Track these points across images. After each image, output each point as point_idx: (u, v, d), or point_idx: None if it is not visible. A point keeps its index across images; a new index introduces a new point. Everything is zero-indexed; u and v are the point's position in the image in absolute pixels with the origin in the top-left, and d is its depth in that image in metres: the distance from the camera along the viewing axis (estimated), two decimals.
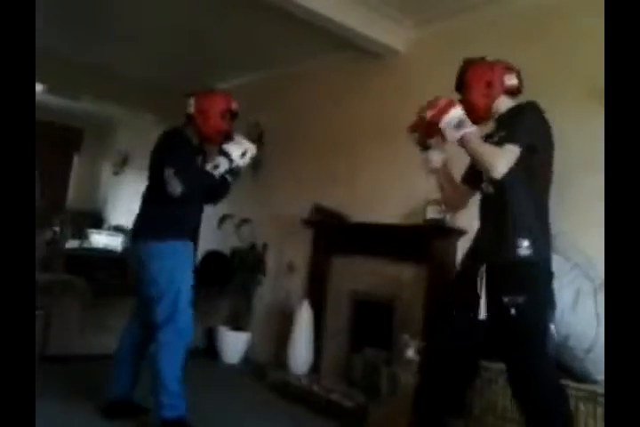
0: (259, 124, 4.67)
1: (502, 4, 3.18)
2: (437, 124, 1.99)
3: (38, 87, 5.58)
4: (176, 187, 2.44)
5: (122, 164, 7.33)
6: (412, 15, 3.55)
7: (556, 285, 1.99)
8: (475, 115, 2.09)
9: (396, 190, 3.60)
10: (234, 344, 4.17)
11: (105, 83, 5.46)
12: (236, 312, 4.27)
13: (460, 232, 3.17)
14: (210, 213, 5.16)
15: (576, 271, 2.32)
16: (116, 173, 7.47)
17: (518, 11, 3.14)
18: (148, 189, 2.76)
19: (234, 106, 2.79)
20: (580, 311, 2.20)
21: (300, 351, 3.69)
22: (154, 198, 2.70)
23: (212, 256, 4.63)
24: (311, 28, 3.50)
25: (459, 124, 1.97)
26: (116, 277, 4.42)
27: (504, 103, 2.15)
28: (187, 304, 2.62)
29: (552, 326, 1.92)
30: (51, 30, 4.33)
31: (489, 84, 2.15)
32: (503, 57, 3.17)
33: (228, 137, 2.72)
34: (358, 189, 3.86)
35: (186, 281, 2.64)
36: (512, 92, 2.17)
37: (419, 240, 3.29)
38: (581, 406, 2.16)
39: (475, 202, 3.15)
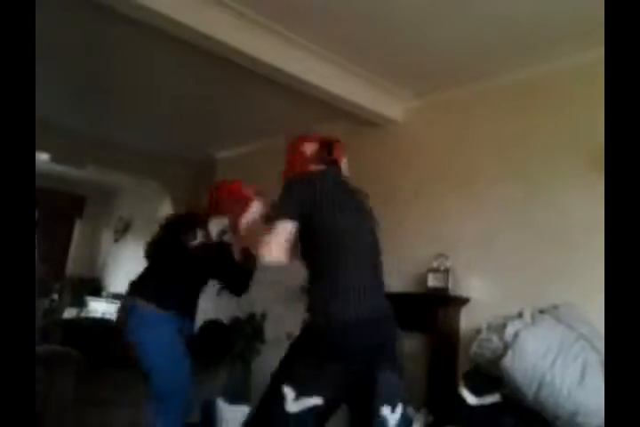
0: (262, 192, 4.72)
1: (494, 77, 3.31)
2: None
3: (43, 156, 5.71)
4: None
5: (123, 231, 7.36)
6: (409, 87, 3.67)
7: (560, 362, 1.94)
8: None
9: (396, 258, 3.57)
10: (232, 419, 4.01)
11: (108, 152, 5.59)
12: (235, 384, 4.15)
13: (463, 300, 3.14)
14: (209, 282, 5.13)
15: (581, 343, 2.27)
16: (116, 240, 7.48)
17: (510, 84, 3.26)
18: None
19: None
20: (587, 386, 2.13)
21: None
22: None
23: (211, 326, 4.55)
24: (310, 98, 3.61)
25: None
26: (113, 347, 4.32)
27: None
28: None
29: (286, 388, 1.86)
30: (55, 102, 4.47)
31: (296, 157, 2.38)
32: (496, 127, 3.30)
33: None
34: None
35: None
36: (317, 161, 2.31)
37: (421, 309, 3.24)
38: None
39: (478, 270, 3.15)
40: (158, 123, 4.91)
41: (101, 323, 4.78)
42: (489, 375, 2.47)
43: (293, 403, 1.83)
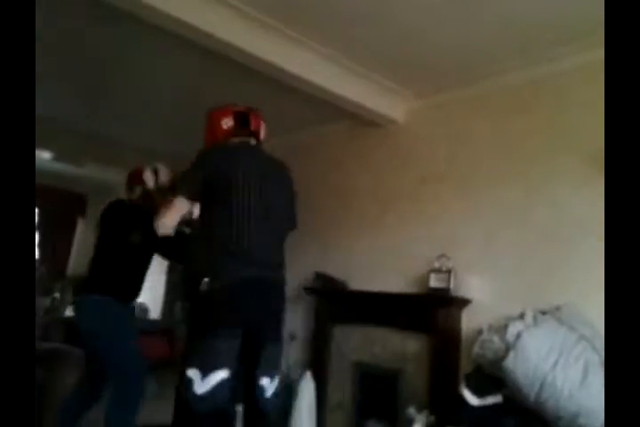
0: None
1: (496, 78, 3.30)
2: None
3: (45, 155, 5.72)
4: None
5: None
6: (410, 87, 3.67)
7: (561, 364, 1.95)
8: None
9: (398, 258, 3.59)
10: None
11: (108, 150, 5.58)
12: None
13: (465, 301, 3.13)
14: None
15: (582, 344, 2.26)
16: None
17: (511, 84, 3.26)
18: None
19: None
20: (589, 387, 2.13)
21: (303, 425, 3.55)
22: None
23: None
24: (311, 98, 3.60)
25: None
26: None
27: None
28: None
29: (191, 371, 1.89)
30: (56, 100, 4.47)
31: (212, 132, 2.39)
32: (497, 128, 3.29)
33: None
34: (359, 256, 3.85)
35: None
36: (235, 133, 2.35)
37: (422, 309, 3.25)
38: None
39: (480, 271, 3.15)
40: (159, 121, 4.90)
41: None
42: (491, 376, 2.47)
43: (201, 383, 1.86)
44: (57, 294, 6.02)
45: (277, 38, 3.06)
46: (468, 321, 3.12)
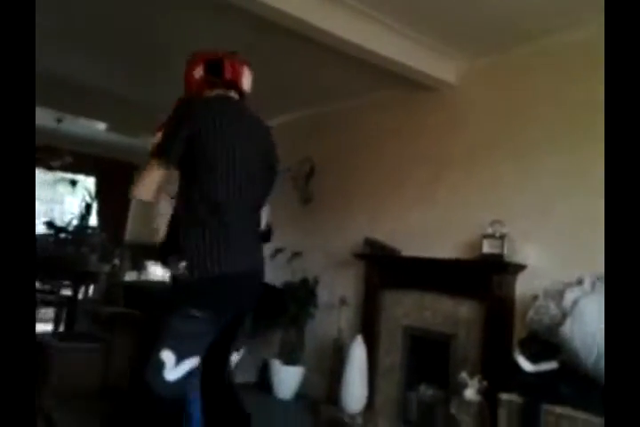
0: (310, 158, 4.73)
1: (559, 34, 3.13)
2: None
3: (100, 126, 5.86)
4: None
5: None
6: (462, 49, 3.53)
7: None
8: None
9: (450, 224, 3.54)
10: (287, 379, 4.13)
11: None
12: (289, 346, 4.25)
13: (519, 267, 3.08)
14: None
15: None
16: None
17: (576, 41, 3.08)
18: None
19: None
20: None
21: (354, 388, 3.61)
22: None
23: (265, 289, 4.64)
24: (362, 63, 3.53)
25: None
26: None
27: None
28: None
29: (165, 353, 1.70)
30: (112, 72, 4.55)
31: (186, 83, 2.19)
32: (553, 87, 3.15)
33: None
34: (410, 222, 3.82)
35: None
36: (210, 85, 2.12)
37: (476, 275, 3.21)
38: None
39: (535, 237, 3.08)
40: None
41: (159, 285, 4.94)
42: (546, 342, 2.44)
43: (173, 370, 1.71)
44: (116, 261, 6.23)
45: (326, 3, 2.99)
46: (523, 287, 3.07)
